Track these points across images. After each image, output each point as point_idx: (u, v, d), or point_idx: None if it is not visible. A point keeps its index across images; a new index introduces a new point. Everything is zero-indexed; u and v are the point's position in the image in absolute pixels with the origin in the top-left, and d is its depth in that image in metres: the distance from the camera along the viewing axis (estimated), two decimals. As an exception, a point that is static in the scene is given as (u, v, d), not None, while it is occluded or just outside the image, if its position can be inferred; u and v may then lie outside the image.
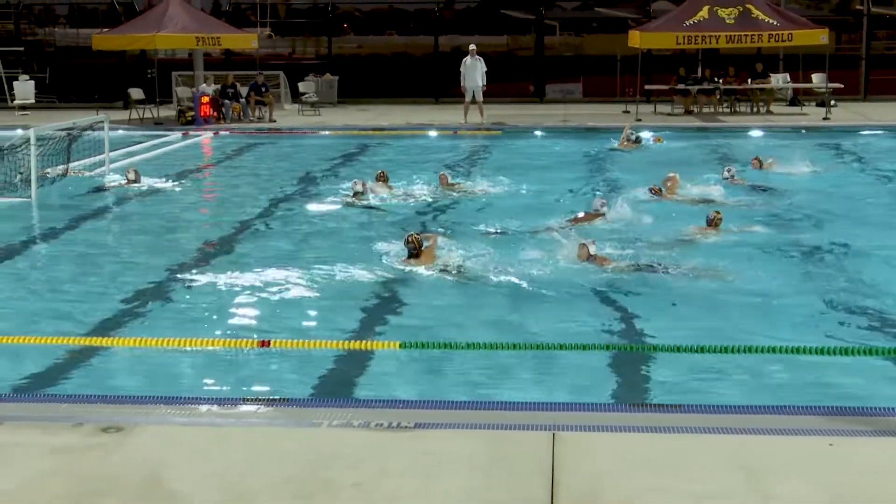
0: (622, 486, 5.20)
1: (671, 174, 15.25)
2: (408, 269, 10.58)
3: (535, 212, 13.91)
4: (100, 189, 16.41)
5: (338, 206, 14.75)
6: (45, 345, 8.27)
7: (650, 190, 14.74)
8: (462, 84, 25.12)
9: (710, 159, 19.37)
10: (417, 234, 10.97)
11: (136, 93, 26.82)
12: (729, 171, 16.42)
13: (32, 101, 28.27)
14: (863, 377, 7.53)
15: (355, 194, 14.98)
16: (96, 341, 8.57)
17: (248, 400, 6.75)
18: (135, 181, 16.53)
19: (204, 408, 6.52)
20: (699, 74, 27.23)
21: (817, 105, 27.16)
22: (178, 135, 23.93)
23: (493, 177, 17.01)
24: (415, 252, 10.74)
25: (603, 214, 13.08)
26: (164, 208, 15.08)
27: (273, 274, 10.69)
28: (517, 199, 15.29)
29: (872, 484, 5.23)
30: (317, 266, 10.88)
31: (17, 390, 7.30)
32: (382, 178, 15.93)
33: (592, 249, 10.75)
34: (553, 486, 5.19)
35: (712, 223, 12.29)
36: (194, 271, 11.05)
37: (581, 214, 13.19)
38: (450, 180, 16.05)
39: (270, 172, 18.59)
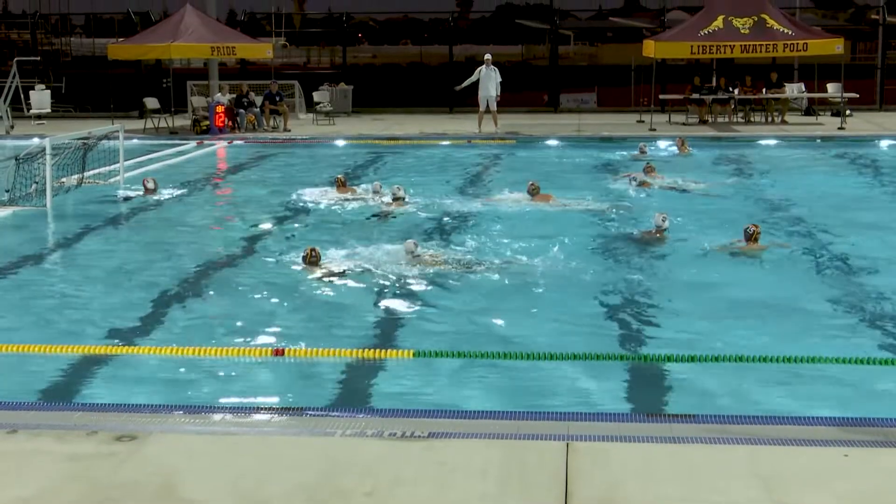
0: (637, 496, 5.18)
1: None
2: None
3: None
4: (118, 199, 16.44)
5: (359, 214, 14.74)
6: (59, 353, 8.30)
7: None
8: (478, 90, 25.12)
9: (726, 168, 19.31)
10: (315, 250, 11.09)
11: (151, 102, 26.91)
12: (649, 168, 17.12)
13: (48, 110, 28.36)
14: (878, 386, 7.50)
15: (395, 199, 14.91)
16: (110, 350, 8.58)
17: (261, 409, 6.77)
18: (154, 190, 16.55)
19: (217, 416, 6.54)
20: (714, 84, 27.19)
21: (832, 115, 27.10)
22: (192, 144, 24.00)
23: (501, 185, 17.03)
24: (311, 265, 10.98)
25: (665, 230, 12.51)
26: (178, 218, 15.09)
27: (288, 283, 10.72)
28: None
29: (887, 495, 5.21)
30: (332, 275, 10.88)
31: (33, 398, 7.32)
32: (341, 184, 15.99)
33: (415, 249, 11.25)
34: (567, 496, 5.18)
35: (751, 237, 11.71)
36: (208, 280, 11.08)
37: (642, 232, 12.76)
38: (346, 184, 15.84)
39: (285, 182, 18.59)
